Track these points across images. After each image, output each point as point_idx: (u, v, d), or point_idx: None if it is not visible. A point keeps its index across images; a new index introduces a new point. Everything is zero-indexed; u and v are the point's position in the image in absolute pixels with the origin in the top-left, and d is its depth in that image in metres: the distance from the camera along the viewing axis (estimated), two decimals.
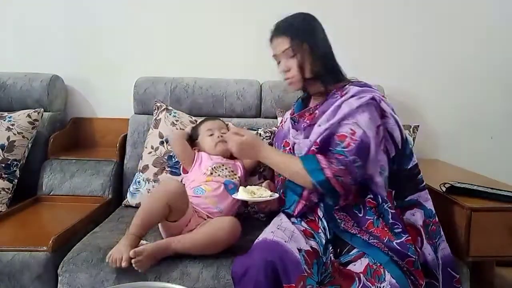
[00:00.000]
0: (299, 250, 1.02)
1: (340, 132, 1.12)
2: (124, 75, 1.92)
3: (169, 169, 1.57)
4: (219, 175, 1.42)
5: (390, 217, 1.12)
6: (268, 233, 1.07)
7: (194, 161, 1.47)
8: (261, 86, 1.85)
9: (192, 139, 1.55)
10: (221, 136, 1.49)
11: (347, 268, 1.03)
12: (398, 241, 1.06)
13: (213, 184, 1.38)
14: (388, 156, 1.17)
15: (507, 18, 1.96)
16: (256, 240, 1.08)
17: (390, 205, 1.13)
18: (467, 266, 1.22)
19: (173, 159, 1.58)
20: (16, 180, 1.61)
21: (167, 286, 0.94)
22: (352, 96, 1.15)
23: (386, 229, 1.09)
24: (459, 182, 1.33)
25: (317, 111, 1.22)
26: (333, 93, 1.21)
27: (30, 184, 1.68)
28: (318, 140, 1.14)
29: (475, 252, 1.21)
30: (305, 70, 1.20)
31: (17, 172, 1.62)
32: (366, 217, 1.12)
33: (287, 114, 1.40)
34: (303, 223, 1.18)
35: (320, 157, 1.11)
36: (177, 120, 1.66)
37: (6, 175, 1.58)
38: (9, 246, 1.22)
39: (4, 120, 1.64)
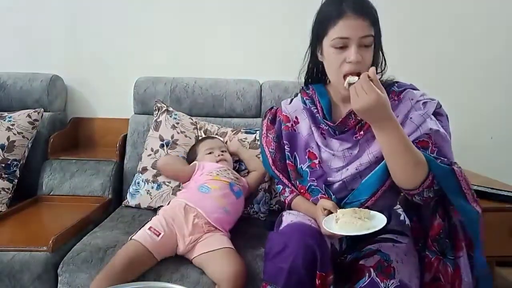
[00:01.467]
0: (331, 244, 1.02)
1: (419, 139, 1.03)
2: (124, 75, 1.92)
3: None
4: (225, 176, 1.38)
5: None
6: (305, 219, 1.04)
7: (196, 171, 1.41)
8: (261, 86, 1.85)
9: (188, 161, 1.51)
10: (222, 155, 1.46)
11: (359, 263, 1.01)
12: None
13: (219, 183, 1.33)
14: None
15: (507, 18, 1.97)
16: (290, 221, 1.05)
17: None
18: None
19: None
20: (16, 180, 1.60)
21: (167, 286, 0.93)
22: (417, 102, 1.07)
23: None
24: None
25: None
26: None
27: (30, 184, 1.69)
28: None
29: None
30: (372, 65, 1.05)
31: (17, 172, 1.62)
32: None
33: (296, 112, 1.21)
34: None
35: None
36: (177, 123, 1.65)
37: (6, 175, 1.58)
38: (9, 246, 1.22)
39: (4, 120, 1.64)
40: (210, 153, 1.47)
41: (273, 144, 1.21)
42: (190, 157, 1.53)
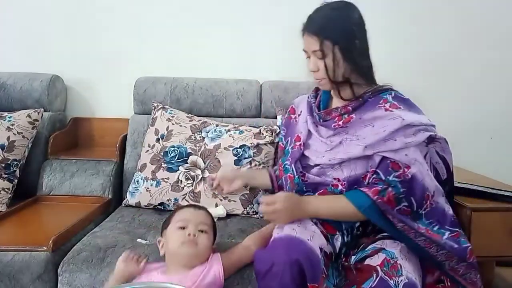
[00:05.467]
0: (320, 249, 1.01)
1: (394, 160, 1.07)
2: (124, 75, 1.92)
3: (165, 165, 1.57)
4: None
5: (424, 219, 1.10)
6: (290, 230, 1.03)
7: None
8: (261, 86, 1.85)
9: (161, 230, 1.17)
10: (194, 235, 1.07)
11: (364, 263, 1.01)
12: (445, 237, 1.06)
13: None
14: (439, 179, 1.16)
15: (508, 17, 1.96)
16: (276, 235, 1.05)
17: (430, 203, 1.10)
18: None
19: (169, 155, 1.58)
20: (16, 180, 1.60)
21: (167, 286, 0.93)
22: (411, 127, 1.08)
23: (429, 232, 1.08)
24: (459, 182, 1.33)
25: (353, 116, 1.14)
26: (371, 100, 1.14)
27: (30, 184, 1.69)
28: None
29: (475, 252, 1.20)
30: (334, 74, 1.12)
31: (17, 172, 1.62)
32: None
33: (302, 106, 1.31)
34: (318, 224, 1.13)
35: (366, 189, 1.08)
36: (172, 116, 1.67)
37: (6, 175, 1.58)
38: (9, 246, 1.22)
39: (4, 120, 1.64)
40: (181, 228, 1.09)
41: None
42: (163, 225, 1.17)
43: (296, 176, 1.17)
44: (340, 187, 1.13)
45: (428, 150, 1.14)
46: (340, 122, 1.16)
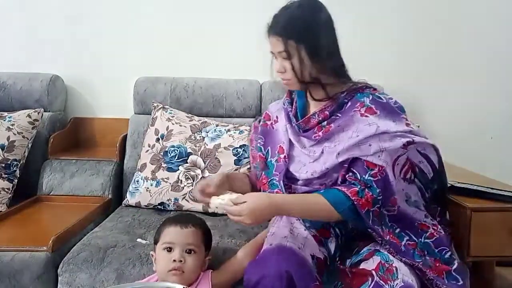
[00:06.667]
0: (312, 256, 1.00)
1: (369, 160, 1.04)
2: (124, 75, 1.92)
3: (165, 165, 1.57)
4: None
5: (387, 219, 1.09)
6: (281, 238, 1.02)
7: None
8: (261, 86, 1.85)
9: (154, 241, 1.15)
10: (181, 261, 1.05)
11: (359, 267, 1.01)
12: (403, 243, 1.05)
13: None
14: (423, 180, 1.14)
15: (507, 17, 1.96)
16: (268, 244, 1.04)
17: (394, 208, 1.09)
18: (467, 266, 1.22)
19: (169, 154, 1.58)
20: (16, 180, 1.61)
21: (167, 286, 0.94)
22: (386, 134, 1.04)
23: (391, 234, 1.07)
24: (459, 182, 1.33)
25: (332, 125, 1.10)
26: (348, 104, 1.10)
27: (30, 184, 1.69)
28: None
29: (475, 252, 1.21)
30: (302, 74, 1.08)
31: (17, 172, 1.62)
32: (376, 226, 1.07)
33: (277, 111, 1.27)
34: (311, 229, 1.12)
35: (344, 189, 1.04)
36: (172, 116, 1.68)
37: (6, 175, 1.58)
38: (9, 246, 1.22)
39: (4, 120, 1.64)
40: (168, 249, 1.07)
41: (254, 142, 1.30)
42: (155, 238, 1.15)
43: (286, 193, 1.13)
44: None
45: (407, 151, 1.08)
46: (320, 133, 1.12)
